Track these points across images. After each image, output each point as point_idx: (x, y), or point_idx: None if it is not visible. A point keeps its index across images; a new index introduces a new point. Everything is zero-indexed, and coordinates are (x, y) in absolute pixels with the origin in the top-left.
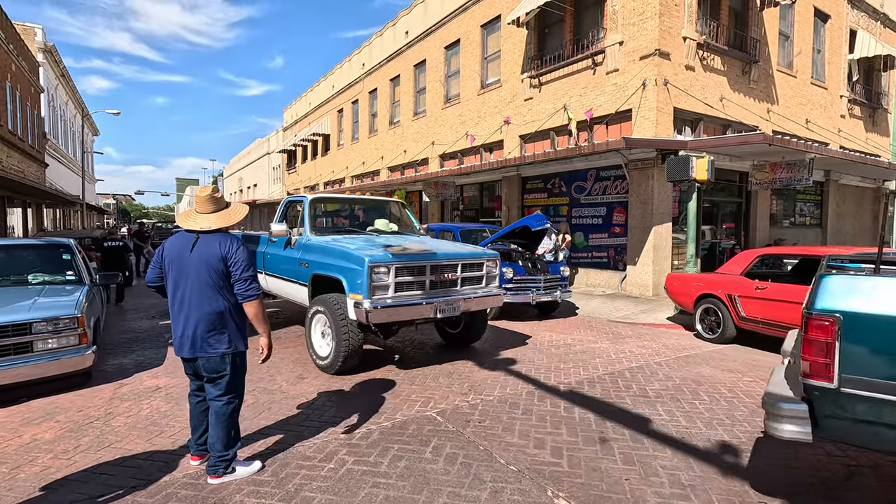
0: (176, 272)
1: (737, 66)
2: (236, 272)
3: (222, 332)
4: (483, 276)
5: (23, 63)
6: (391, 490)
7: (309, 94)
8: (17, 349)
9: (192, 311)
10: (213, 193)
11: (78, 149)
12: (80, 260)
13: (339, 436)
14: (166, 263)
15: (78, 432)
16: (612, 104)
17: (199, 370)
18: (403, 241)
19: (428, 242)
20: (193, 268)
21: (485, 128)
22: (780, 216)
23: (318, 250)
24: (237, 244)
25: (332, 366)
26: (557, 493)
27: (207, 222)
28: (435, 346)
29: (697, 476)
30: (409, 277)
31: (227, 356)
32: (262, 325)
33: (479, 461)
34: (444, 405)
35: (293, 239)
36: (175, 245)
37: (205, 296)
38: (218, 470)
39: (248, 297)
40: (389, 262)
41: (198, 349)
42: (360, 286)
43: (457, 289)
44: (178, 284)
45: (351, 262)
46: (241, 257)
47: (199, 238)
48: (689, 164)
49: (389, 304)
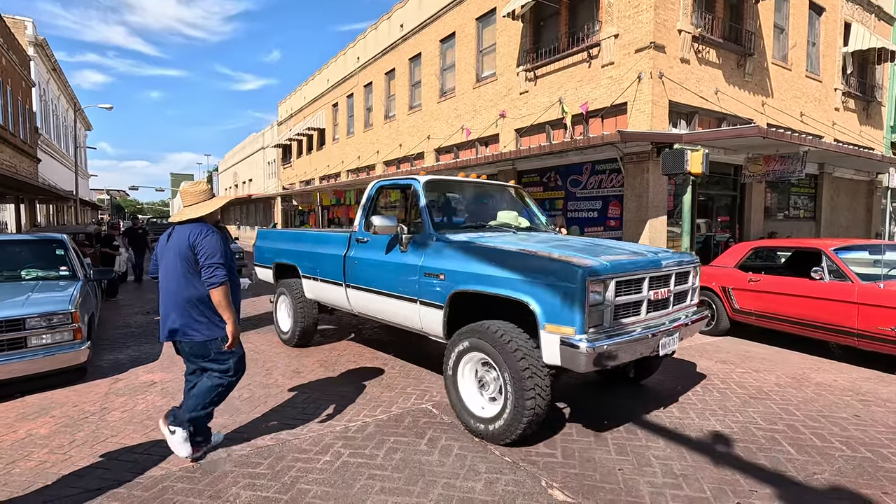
0: (161, 263)
1: (732, 59)
2: (201, 259)
3: (199, 318)
4: (689, 290)
5: (13, 57)
6: (386, 482)
7: (304, 88)
8: (10, 345)
9: (170, 298)
10: (192, 188)
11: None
12: (74, 255)
13: (335, 429)
14: (157, 255)
15: (73, 427)
16: (607, 97)
17: (184, 354)
18: (573, 241)
19: (606, 242)
20: (170, 257)
21: (480, 121)
22: (774, 209)
23: (463, 254)
24: (205, 232)
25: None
26: (552, 484)
27: (182, 214)
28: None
29: (689, 465)
30: (627, 297)
31: (210, 342)
32: (227, 312)
33: (473, 453)
34: (440, 398)
35: (403, 238)
36: (163, 238)
37: (178, 284)
38: (170, 419)
39: (212, 283)
40: (611, 274)
41: (178, 335)
42: (569, 313)
43: (669, 310)
44: (162, 274)
45: (549, 275)
46: (207, 244)
47: (174, 229)
48: (684, 158)
49: (612, 340)
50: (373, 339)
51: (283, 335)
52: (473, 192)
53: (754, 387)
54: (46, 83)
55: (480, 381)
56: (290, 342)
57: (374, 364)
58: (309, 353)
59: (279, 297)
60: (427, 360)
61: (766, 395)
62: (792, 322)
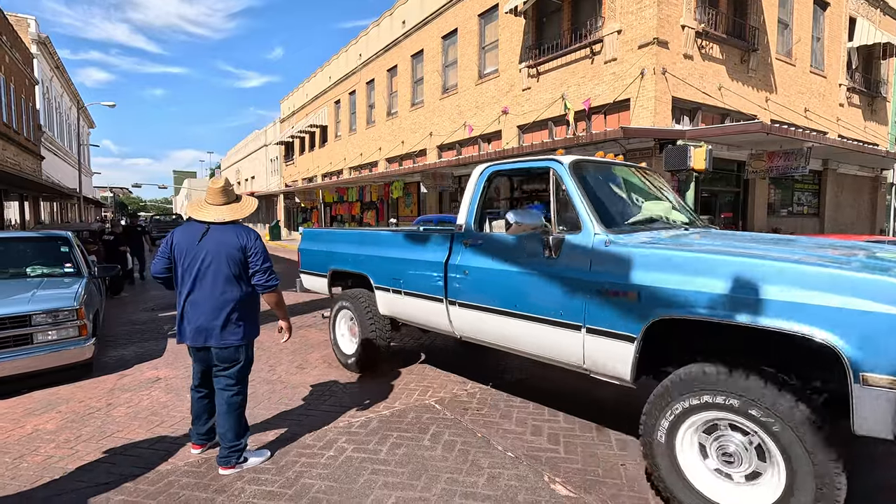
0: (188, 262)
1: (735, 55)
2: (256, 262)
3: (239, 322)
4: None
5: (16, 55)
6: (390, 476)
7: (306, 85)
8: (17, 341)
9: (208, 301)
10: (226, 186)
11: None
12: (79, 252)
13: (339, 424)
14: (176, 254)
15: (80, 423)
16: (610, 94)
17: (212, 360)
18: (801, 241)
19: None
20: (210, 258)
21: (483, 118)
22: (777, 205)
23: (676, 264)
24: (255, 235)
25: None
26: (554, 479)
27: (220, 214)
28: (431, 337)
29: None
30: None
31: (243, 347)
32: (282, 311)
33: (476, 448)
34: (443, 394)
35: (551, 240)
36: (185, 236)
37: (221, 286)
38: (231, 460)
39: (269, 286)
40: None
41: (214, 339)
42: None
43: None
44: (192, 274)
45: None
46: (260, 248)
47: (210, 229)
48: (687, 154)
49: None
50: None
51: (346, 359)
52: (622, 178)
53: None
54: (50, 81)
55: (722, 453)
56: (354, 367)
57: None
58: (313, 349)
59: (338, 313)
60: (430, 356)
61: None
62: None
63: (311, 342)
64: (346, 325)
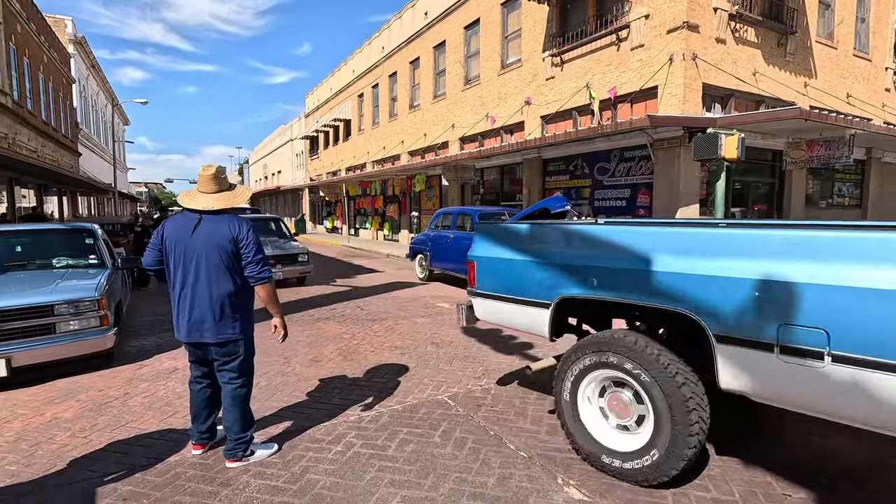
0: (181, 254)
1: (772, 38)
2: (248, 254)
3: (234, 315)
4: None
5: (54, 54)
6: (397, 474)
7: (330, 79)
8: (40, 331)
9: (201, 294)
10: (218, 173)
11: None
12: (103, 244)
13: (349, 418)
14: (167, 245)
15: (96, 411)
16: (636, 81)
17: (209, 355)
18: None
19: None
20: (201, 250)
21: (505, 109)
22: (816, 197)
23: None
24: (247, 226)
25: None
26: (567, 481)
27: (211, 202)
28: (445, 330)
29: (717, 466)
30: None
31: (241, 341)
32: (275, 307)
33: (488, 446)
34: (457, 389)
35: None
36: (177, 226)
37: (214, 278)
38: (237, 453)
39: (261, 279)
40: None
41: (210, 334)
42: None
43: None
44: (185, 267)
45: None
46: (252, 239)
47: (203, 219)
48: (717, 142)
49: None
50: (392, 329)
51: (610, 458)
52: None
53: None
54: (86, 79)
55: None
56: (636, 476)
57: (392, 353)
58: (328, 342)
59: (585, 375)
60: (444, 351)
61: None
62: None
63: (326, 335)
64: (608, 398)
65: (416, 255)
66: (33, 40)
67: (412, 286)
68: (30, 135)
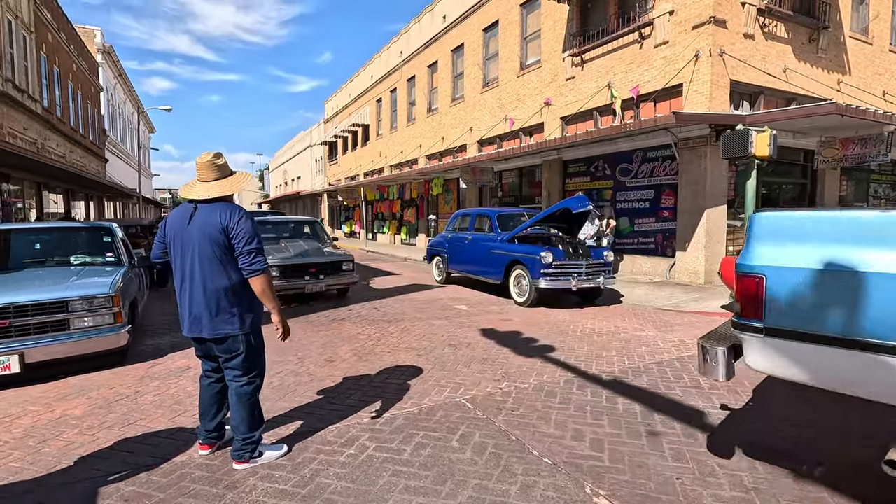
0: (179, 247)
1: (803, 34)
2: (239, 244)
3: (231, 310)
4: None
5: (83, 63)
6: (412, 480)
7: (349, 84)
8: (54, 327)
9: (197, 288)
10: (215, 160)
11: (136, 145)
12: (121, 242)
13: (363, 420)
14: (168, 238)
15: (106, 409)
16: (660, 79)
17: (211, 351)
18: None
19: None
20: (196, 241)
21: (524, 111)
22: (850, 199)
23: None
24: (239, 213)
25: None
26: (597, 491)
27: (205, 190)
28: (464, 331)
29: (762, 478)
30: None
31: (240, 336)
32: (272, 302)
33: (510, 452)
34: (476, 392)
35: None
36: (176, 218)
37: (208, 271)
38: (244, 454)
39: (252, 271)
40: None
41: (206, 330)
42: None
43: None
44: (183, 260)
45: None
46: (244, 227)
47: (198, 208)
48: (748, 139)
49: None
50: (408, 330)
51: None
52: None
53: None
54: (113, 88)
55: None
56: None
57: (408, 354)
58: (343, 342)
59: None
60: (462, 353)
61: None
62: None
63: (342, 335)
64: None
65: (433, 257)
66: (63, 49)
67: (429, 288)
68: (58, 140)
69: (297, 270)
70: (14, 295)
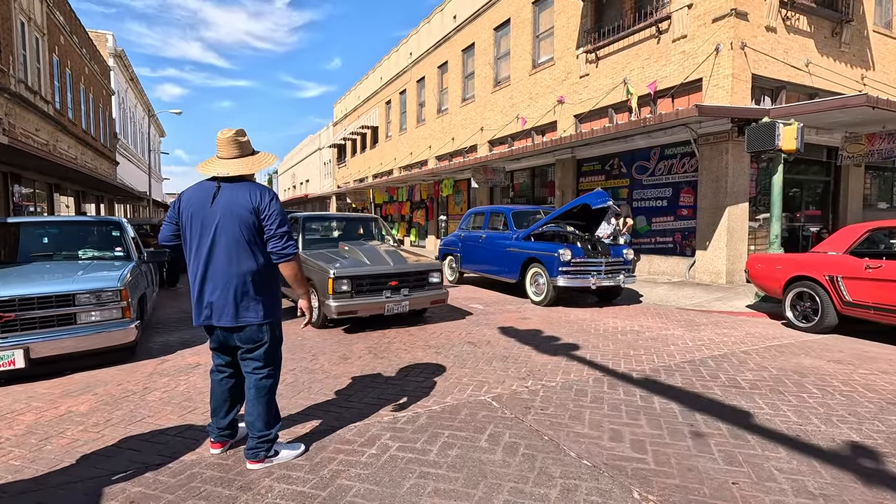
0: (198, 228)
1: (826, 27)
2: (271, 227)
3: (257, 296)
4: None
5: (95, 67)
6: (441, 482)
7: (358, 87)
8: (60, 321)
9: (220, 272)
10: (237, 136)
11: (146, 149)
12: (129, 237)
13: (383, 419)
14: (184, 218)
15: (112, 406)
16: (678, 74)
17: (231, 341)
18: None
19: None
20: (220, 222)
21: (536, 109)
22: (874, 198)
23: None
24: (270, 194)
25: None
26: (647, 496)
27: (228, 167)
28: (483, 328)
29: (828, 483)
30: None
31: (265, 326)
32: (302, 287)
33: (544, 453)
34: (500, 390)
35: None
36: (194, 197)
37: (234, 255)
38: (259, 453)
39: (284, 255)
40: None
41: (228, 318)
42: None
43: None
44: (202, 242)
45: None
46: (276, 209)
47: (222, 187)
48: (774, 132)
49: None
50: (425, 327)
51: None
52: None
53: (890, 391)
54: (125, 92)
55: None
56: None
57: (426, 352)
58: (358, 339)
59: None
60: (482, 351)
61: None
62: None
63: (355, 333)
64: None
65: (445, 256)
66: (75, 52)
67: None
68: (70, 142)
69: (375, 283)
70: (19, 287)
